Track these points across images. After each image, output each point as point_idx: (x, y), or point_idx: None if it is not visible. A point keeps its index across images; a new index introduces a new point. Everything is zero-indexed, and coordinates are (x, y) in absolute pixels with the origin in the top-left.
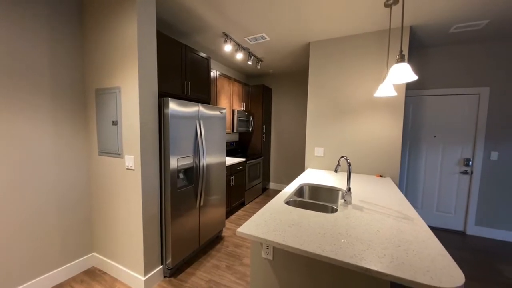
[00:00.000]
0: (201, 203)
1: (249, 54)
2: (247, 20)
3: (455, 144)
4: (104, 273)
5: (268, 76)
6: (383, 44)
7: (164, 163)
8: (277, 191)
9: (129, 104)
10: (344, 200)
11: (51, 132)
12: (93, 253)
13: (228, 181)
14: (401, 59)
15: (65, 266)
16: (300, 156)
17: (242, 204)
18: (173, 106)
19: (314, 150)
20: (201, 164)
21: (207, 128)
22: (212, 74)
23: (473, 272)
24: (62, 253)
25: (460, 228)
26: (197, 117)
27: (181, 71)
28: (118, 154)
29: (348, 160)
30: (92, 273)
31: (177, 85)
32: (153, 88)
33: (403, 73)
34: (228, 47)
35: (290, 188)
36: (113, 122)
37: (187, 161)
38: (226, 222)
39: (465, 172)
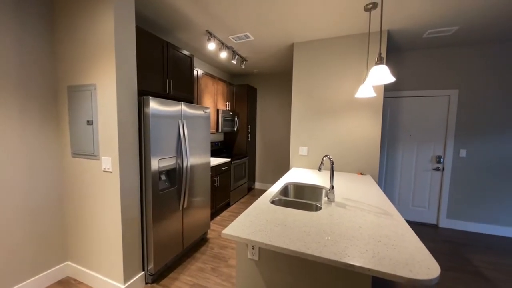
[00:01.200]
0: (185, 205)
1: (234, 53)
2: (231, 19)
3: (428, 143)
4: (80, 283)
5: (253, 75)
6: (363, 47)
7: (145, 164)
8: (262, 191)
9: (105, 102)
10: (328, 198)
11: (18, 132)
12: (67, 262)
13: (213, 181)
14: (380, 61)
15: (36, 277)
16: (285, 156)
17: (228, 205)
18: (154, 105)
19: (298, 149)
20: (185, 165)
21: (191, 128)
22: (195, 72)
23: (446, 263)
24: (33, 263)
25: (433, 221)
26: (180, 116)
27: (162, 68)
28: (94, 155)
29: (331, 159)
30: (67, 284)
31: (158, 83)
32: (132, 86)
33: (382, 75)
34: (212, 46)
35: (276, 188)
36: (88, 121)
37: (169, 162)
38: (211, 223)
39: (437, 169)
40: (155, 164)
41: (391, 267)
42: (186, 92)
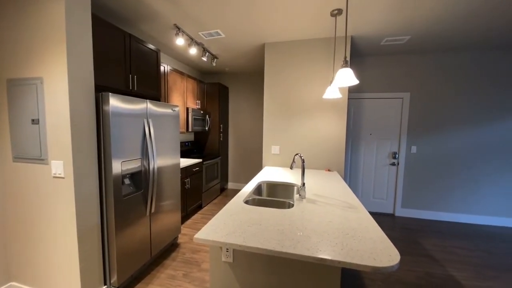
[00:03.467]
0: (152, 210)
1: (204, 50)
2: (201, 14)
3: (386, 141)
4: None
5: (225, 74)
6: (330, 50)
7: (105, 168)
8: (236, 191)
9: (55, 98)
10: (299, 195)
11: None
12: (11, 283)
13: (183, 183)
14: (345, 64)
15: None
16: (258, 155)
17: (200, 207)
18: (115, 102)
19: (271, 148)
20: (151, 167)
21: (158, 127)
22: (162, 68)
23: (403, 248)
24: None
25: (391, 211)
26: (145, 115)
27: (124, 63)
28: (41, 159)
29: (302, 157)
30: None
31: (119, 78)
32: (88, 81)
33: (347, 77)
34: (180, 41)
35: (249, 187)
36: (33, 120)
37: (133, 165)
38: (182, 227)
39: (393, 164)
40: (117, 167)
41: (358, 258)
42: (152, 89)
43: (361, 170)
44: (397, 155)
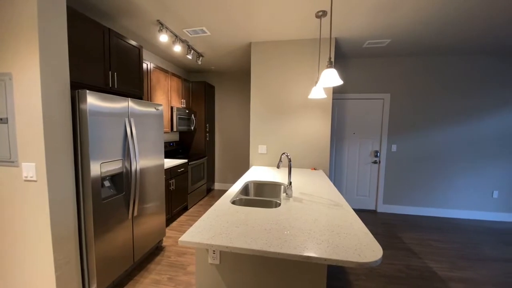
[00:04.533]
0: (135, 213)
1: (189, 47)
2: (185, 10)
3: (368, 140)
4: None
5: (210, 72)
6: (316, 51)
7: (82, 170)
8: (223, 191)
9: (26, 95)
10: (286, 194)
11: None
12: None
13: (168, 185)
14: (330, 65)
15: None
16: (245, 154)
17: (185, 209)
18: (93, 101)
19: (258, 148)
20: (133, 168)
21: (140, 127)
22: (145, 65)
23: (384, 243)
24: None
25: (373, 207)
26: (127, 114)
27: (103, 59)
28: (10, 161)
29: (289, 156)
30: None
31: (98, 75)
32: (62, 77)
33: (331, 77)
34: (164, 37)
35: (236, 187)
36: (0, 119)
37: (114, 166)
38: (166, 230)
39: (375, 162)
40: (96, 169)
41: (344, 254)
42: (134, 86)
43: (345, 168)
44: (378, 154)
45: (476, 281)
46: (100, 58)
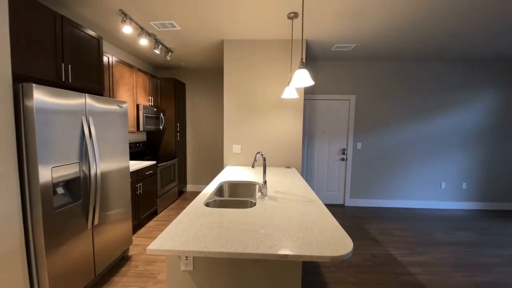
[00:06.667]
0: (96, 222)
1: (156, 41)
2: (153, 1)
3: (336, 138)
4: None
5: (181, 69)
6: (288, 52)
7: (29, 176)
8: (196, 193)
9: None
10: (261, 193)
11: None
12: None
13: (134, 189)
14: (302, 66)
15: None
16: (219, 154)
17: (155, 213)
18: (42, 96)
19: (232, 147)
20: (93, 172)
21: (101, 126)
22: (106, 59)
23: (352, 234)
24: None
25: (341, 202)
26: (84, 111)
27: (55, 49)
28: None
29: (263, 156)
30: None
31: (48, 67)
32: (2, 68)
33: (303, 78)
34: (127, 29)
35: (210, 188)
36: None
37: (69, 171)
38: (134, 237)
39: (342, 159)
40: (46, 174)
41: (318, 250)
42: (93, 81)
43: (316, 166)
44: (345, 151)
45: (431, 263)
46: (51, 48)
